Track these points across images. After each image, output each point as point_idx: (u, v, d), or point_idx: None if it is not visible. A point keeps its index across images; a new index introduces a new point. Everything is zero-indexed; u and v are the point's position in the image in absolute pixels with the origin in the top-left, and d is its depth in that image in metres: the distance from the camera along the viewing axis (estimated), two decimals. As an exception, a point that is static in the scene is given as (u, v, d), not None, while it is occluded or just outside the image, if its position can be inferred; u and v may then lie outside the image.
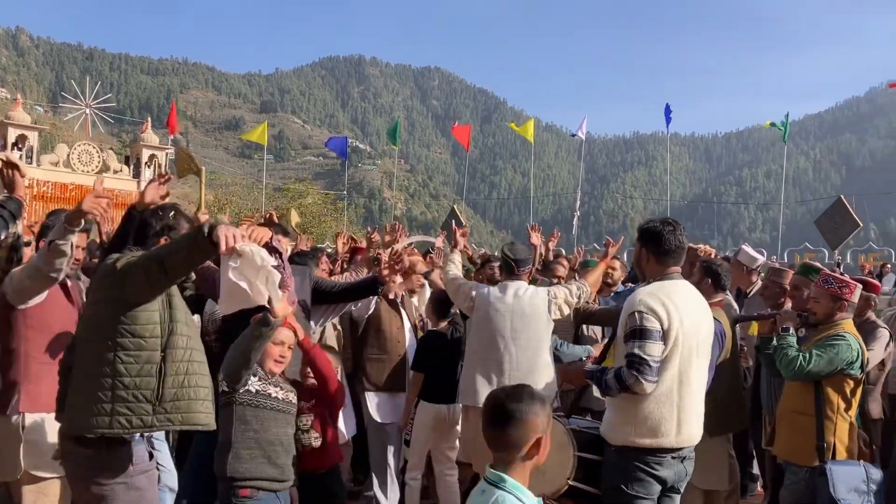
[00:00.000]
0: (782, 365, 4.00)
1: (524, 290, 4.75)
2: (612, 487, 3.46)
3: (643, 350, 3.29)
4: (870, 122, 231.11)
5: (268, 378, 3.68)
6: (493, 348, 4.67)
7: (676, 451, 3.43)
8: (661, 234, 3.53)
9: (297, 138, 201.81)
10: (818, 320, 4.11)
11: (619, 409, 3.47)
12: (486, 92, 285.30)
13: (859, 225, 16.45)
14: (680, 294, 3.49)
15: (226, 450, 3.55)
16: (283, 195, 43.42)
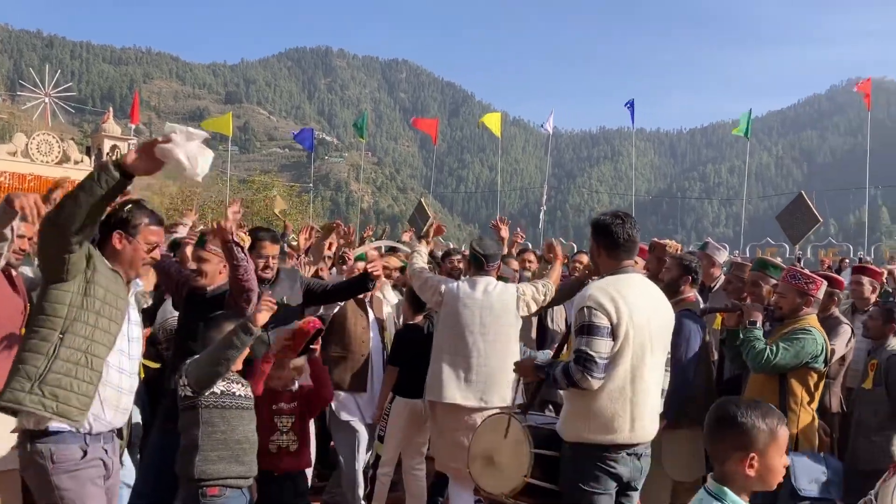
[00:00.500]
0: (749, 357, 4.02)
1: (493, 286, 4.71)
2: (570, 484, 3.46)
3: (590, 346, 3.28)
4: (830, 119, 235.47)
5: (230, 376, 3.62)
6: (461, 344, 4.63)
7: (631, 448, 3.42)
8: (611, 228, 3.51)
9: (262, 130, 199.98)
10: (784, 315, 4.14)
11: (572, 405, 3.46)
12: (453, 85, 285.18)
13: (819, 221, 16.67)
14: (632, 288, 3.46)
15: (192, 452, 3.50)
16: (247, 187, 43.02)
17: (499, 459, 3.74)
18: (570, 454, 3.45)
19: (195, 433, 3.50)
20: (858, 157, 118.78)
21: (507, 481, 3.66)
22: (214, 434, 3.50)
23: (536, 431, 3.68)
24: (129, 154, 2.83)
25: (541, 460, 3.58)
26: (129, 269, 3.19)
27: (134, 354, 3.18)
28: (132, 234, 3.17)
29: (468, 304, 4.65)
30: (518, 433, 3.67)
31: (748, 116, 26.56)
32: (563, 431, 3.50)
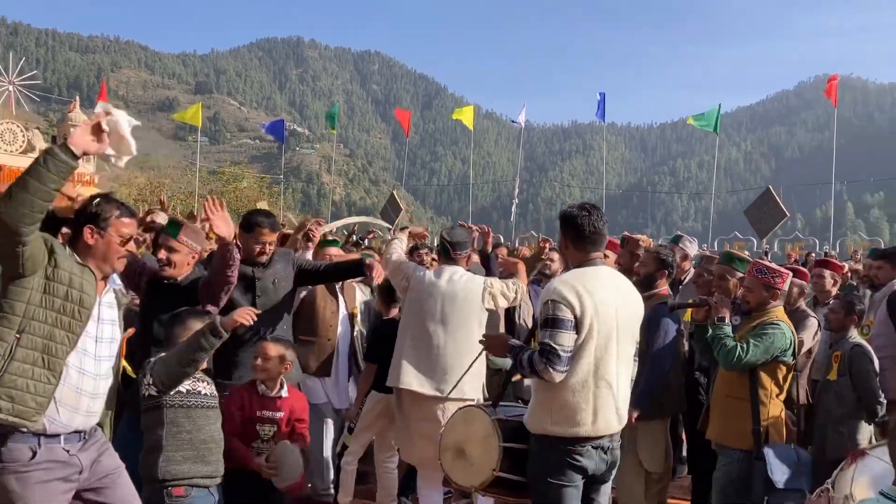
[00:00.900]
0: (720, 355, 4.03)
1: (459, 275, 4.67)
2: (536, 476, 3.46)
3: (554, 339, 3.26)
4: (798, 115, 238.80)
5: (196, 374, 3.55)
6: (421, 331, 4.61)
7: (596, 441, 3.41)
8: (577, 220, 3.49)
9: (232, 120, 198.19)
10: (751, 308, 4.16)
11: (537, 398, 3.46)
12: (426, 78, 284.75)
13: (786, 215, 16.93)
14: (598, 281, 3.44)
15: (155, 452, 3.43)
16: (217, 178, 42.57)
17: (469, 452, 3.73)
18: (536, 447, 3.46)
19: (159, 433, 3.44)
20: (825, 153, 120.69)
21: (476, 475, 3.65)
22: (179, 434, 3.45)
23: (506, 424, 3.66)
24: (74, 134, 2.76)
25: (510, 453, 3.58)
26: (102, 263, 3.08)
27: (102, 355, 3.05)
28: (103, 228, 3.07)
29: (432, 292, 4.63)
30: (487, 427, 3.66)
31: (717, 111, 26.80)
32: (528, 424, 3.50)
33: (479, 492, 3.77)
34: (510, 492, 3.71)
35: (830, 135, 37.21)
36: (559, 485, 3.39)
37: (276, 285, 4.56)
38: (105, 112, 2.73)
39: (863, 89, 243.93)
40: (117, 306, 3.20)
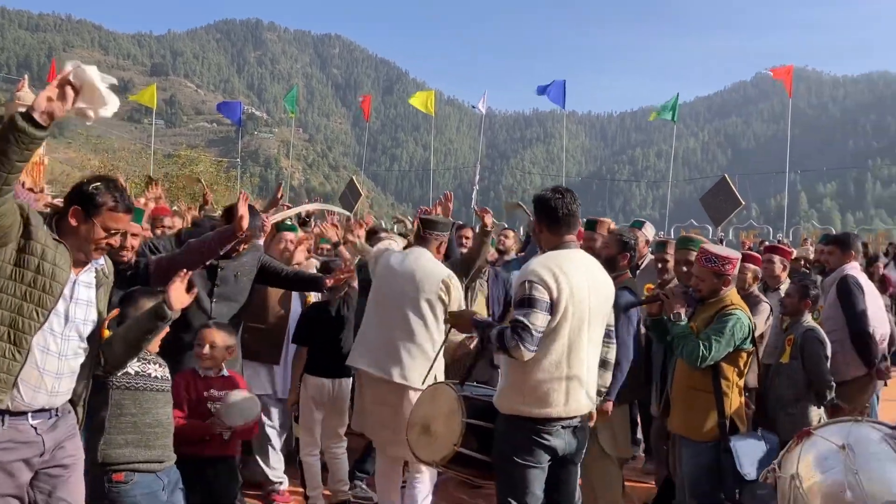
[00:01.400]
0: (684, 356, 4.03)
1: (423, 259, 4.59)
2: (502, 455, 3.47)
3: (528, 318, 3.27)
4: (755, 106, 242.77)
5: (147, 356, 3.46)
6: (374, 310, 4.59)
7: (566, 421, 3.43)
8: (551, 202, 3.52)
9: (189, 103, 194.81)
10: (704, 297, 4.15)
11: (509, 378, 3.46)
12: (388, 62, 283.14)
13: (741, 203, 17.14)
14: (573, 263, 3.46)
15: (97, 434, 3.33)
16: (173, 162, 41.75)
17: (434, 428, 3.75)
18: (505, 426, 3.46)
19: (102, 415, 3.33)
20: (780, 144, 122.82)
21: (438, 450, 3.67)
22: (122, 417, 3.34)
23: (472, 402, 3.68)
24: (36, 99, 2.55)
25: (475, 431, 3.59)
26: (77, 251, 2.91)
27: (71, 335, 2.91)
28: (90, 214, 2.89)
29: (388, 273, 4.59)
30: (452, 403, 3.68)
31: (675, 101, 27.07)
32: (498, 404, 3.51)
33: (440, 467, 3.77)
34: (472, 470, 3.73)
35: (785, 125, 37.89)
36: (525, 465, 3.41)
37: (238, 278, 4.53)
38: (76, 66, 2.57)
39: (817, 81, 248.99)
40: (96, 286, 3.04)
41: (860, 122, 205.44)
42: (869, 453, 2.94)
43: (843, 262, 5.65)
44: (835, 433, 3.11)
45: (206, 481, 3.78)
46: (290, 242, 5.42)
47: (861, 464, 2.89)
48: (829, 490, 2.95)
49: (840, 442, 3.01)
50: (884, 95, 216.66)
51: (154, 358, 3.51)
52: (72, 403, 3.02)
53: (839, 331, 5.25)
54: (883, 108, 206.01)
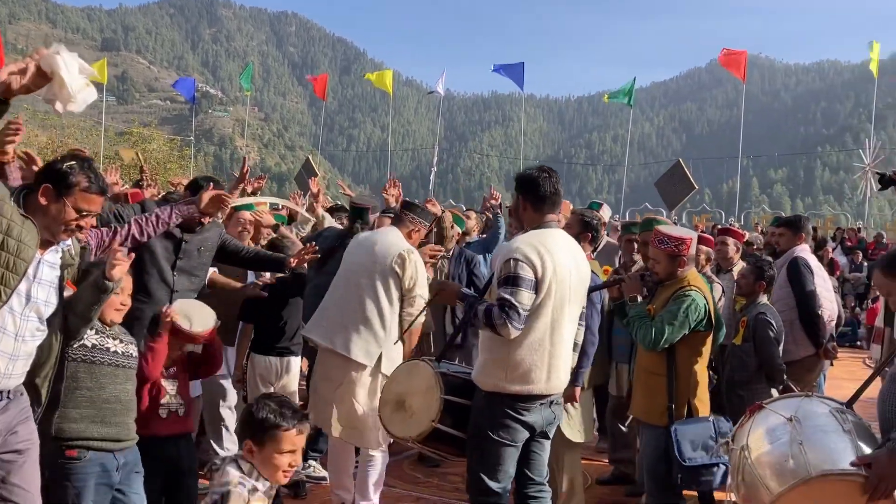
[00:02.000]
0: (639, 339, 4.04)
1: (392, 235, 4.62)
2: (478, 432, 3.49)
3: (514, 296, 3.32)
4: (709, 92, 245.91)
5: (105, 330, 3.36)
6: (337, 282, 4.64)
7: (545, 398, 3.50)
8: (537, 181, 3.55)
9: (142, 80, 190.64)
10: (661, 279, 4.14)
11: (491, 355, 3.48)
12: (345, 42, 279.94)
13: (695, 188, 17.36)
14: (556, 242, 3.51)
15: (52, 408, 3.21)
16: (125, 140, 40.87)
17: (409, 404, 3.74)
18: (485, 403, 3.49)
19: (58, 387, 3.21)
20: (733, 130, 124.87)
21: (415, 426, 3.67)
22: (77, 391, 3.24)
23: (448, 379, 3.69)
24: (2, 73, 2.43)
25: (451, 408, 3.60)
26: (44, 230, 2.80)
27: (30, 316, 2.82)
28: (61, 194, 2.80)
29: (353, 247, 4.69)
30: (430, 379, 3.68)
31: (631, 85, 27.29)
32: (479, 380, 3.52)
33: (415, 444, 3.76)
34: (447, 447, 3.74)
35: (738, 112, 38.47)
36: (500, 442, 3.45)
37: (201, 253, 4.52)
38: (55, 52, 2.45)
39: (770, 68, 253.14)
40: (60, 267, 2.95)
41: (810, 109, 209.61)
42: (814, 426, 2.99)
43: (793, 244, 5.75)
44: (785, 407, 3.17)
45: (168, 460, 3.69)
46: (247, 223, 5.39)
47: (806, 435, 2.94)
48: (775, 460, 3.00)
49: (788, 414, 3.06)
50: (833, 84, 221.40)
51: (116, 332, 3.42)
52: (35, 385, 2.94)
53: (788, 311, 5.36)
54: (832, 96, 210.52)
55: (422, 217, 4.73)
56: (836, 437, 2.95)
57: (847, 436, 2.93)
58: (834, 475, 2.83)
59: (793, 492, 2.86)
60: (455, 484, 5.49)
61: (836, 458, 2.87)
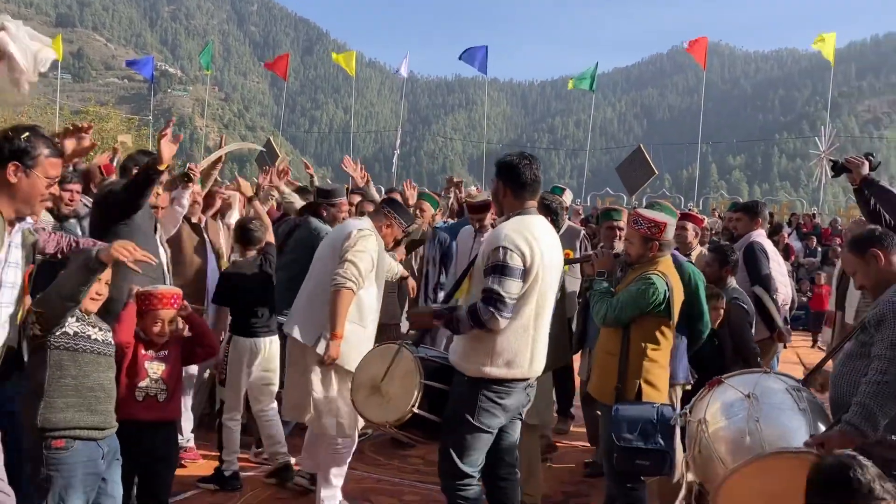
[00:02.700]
0: (594, 311, 4.07)
1: (347, 222, 4.70)
2: (457, 416, 3.50)
3: (502, 287, 3.33)
4: (670, 78, 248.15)
5: (85, 318, 3.33)
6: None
7: (525, 381, 3.55)
8: (518, 168, 3.54)
9: (98, 58, 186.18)
10: (633, 260, 4.12)
11: (476, 341, 3.47)
12: (307, 22, 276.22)
13: (655, 173, 17.55)
14: (539, 229, 3.53)
15: (37, 398, 3.17)
16: (81, 118, 39.96)
17: (386, 389, 3.71)
18: (467, 388, 3.49)
19: (41, 377, 3.18)
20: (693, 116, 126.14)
21: (393, 411, 3.64)
22: (63, 379, 3.20)
23: (427, 363, 3.68)
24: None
25: (428, 393, 3.60)
26: (23, 205, 2.80)
27: (3, 301, 2.80)
28: (30, 167, 2.78)
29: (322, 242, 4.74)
30: (409, 363, 3.66)
31: (594, 70, 27.43)
32: (462, 366, 3.51)
33: (392, 429, 3.73)
34: (424, 433, 3.74)
35: (699, 98, 38.85)
36: (479, 427, 3.48)
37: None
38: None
39: (730, 56, 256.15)
40: (23, 246, 2.91)
41: (769, 97, 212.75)
42: (771, 403, 3.08)
43: (750, 229, 5.85)
44: (743, 383, 3.25)
45: (141, 446, 3.63)
46: (196, 195, 5.40)
47: (763, 412, 3.03)
48: (731, 435, 3.09)
49: (746, 391, 3.13)
50: (791, 72, 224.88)
51: (95, 321, 3.39)
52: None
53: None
54: (790, 84, 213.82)
55: (401, 216, 4.60)
56: (792, 414, 3.05)
57: (802, 414, 3.04)
58: (788, 453, 2.92)
59: (747, 467, 2.95)
60: (415, 466, 5.52)
61: (790, 436, 2.97)
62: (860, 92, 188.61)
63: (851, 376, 3.11)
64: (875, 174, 4.50)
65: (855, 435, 2.88)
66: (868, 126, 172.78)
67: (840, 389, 3.18)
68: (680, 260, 4.48)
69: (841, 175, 4.63)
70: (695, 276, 4.47)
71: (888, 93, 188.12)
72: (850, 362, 3.16)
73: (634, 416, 3.80)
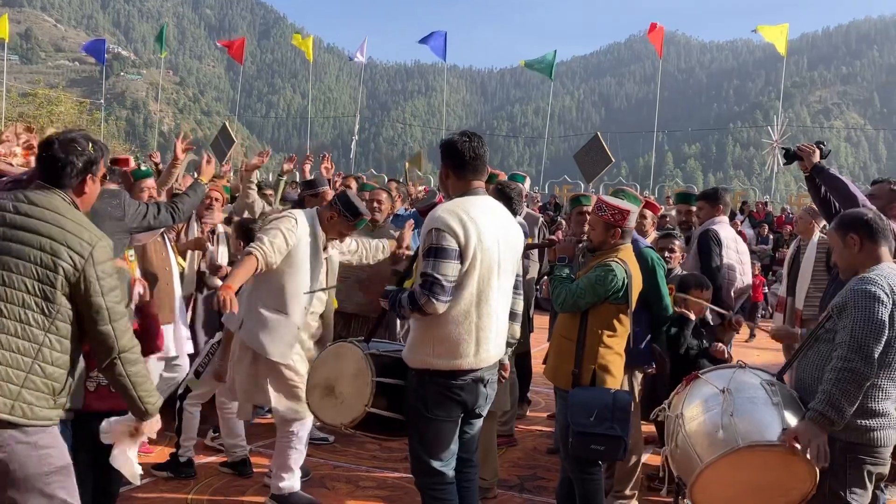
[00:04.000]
0: (553, 297, 4.06)
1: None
2: (414, 411, 3.42)
3: (437, 269, 3.20)
4: (628, 67, 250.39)
5: None
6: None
7: (476, 373, 3.39)
8: (457, 145, 3.41)
9: (48, 39, 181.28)
10: (595, 247, 4.12)
11: (418, 332, 3.39)
12: (264, 5, 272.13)
13: (612, 161, 17.68)
14: (481, 209, 3.38)
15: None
16: (30, 101, 38.91)
17: (339, 390, 3.62)
18: (416, 381, 3.40)
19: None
20: (650, 105, 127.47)
21: (347, 412, 3.55)
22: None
23: (379, 360, 3.57)
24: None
25: (385, 390, 3.50)
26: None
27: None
28: (95, 175, 2.81)
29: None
30: (359, 361, 3.56)
31: (553, 57, 27.50)
32: (407, 358, 3.43)
33: (348, 430, 3.65)
34: (383, 431, 3.66)
35: (655, 87, 39.23)
36: (438, 420, 3.38)
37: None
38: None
39: (686, 45, 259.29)
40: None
41: (723, 86, 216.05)
42: (746, 397, 3.13)
43: (712, 216, 5.78)
44: (719, 378, 3.29)
45: (95, 437, 3.55)
46: (150, 189, 5.25)
47: (737, 406, 3.08)
48: (706, 430, 3.13)
49: (722, 386, 3.18)
50: (746, 62, 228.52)
51: None
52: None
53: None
54: (744, 74, 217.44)
55: (346, 209, 4.41)
56: (765, 408, 3.10)
57: (775, 408, 3.09)
58: (761, 447, 3.01)
59: (721, 460, 3.02)
60: (372, 452, 5.51)
61: (763, 429, 3.04)
62: (812, 82, 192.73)
63: (814, 359, 3.18)
64: (825, 162, 4.58)
65: (822, 422, 2.95)
66: (819, 116, 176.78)
67: (804, 372, 3.25)
68: (641, 245, 4.52)
69: (793, 163, 4.70)
70: (653, 260, 4.54)
71: (838, 83, 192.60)
72: (814, 346, 3.21)
73: (590, 402, 3.81)
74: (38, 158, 2.80)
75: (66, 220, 2.65)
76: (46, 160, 2.74)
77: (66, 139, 2.77)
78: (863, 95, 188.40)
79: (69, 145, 2.75)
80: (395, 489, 4.90)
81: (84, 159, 2.76)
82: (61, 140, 2.76)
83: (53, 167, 2.73)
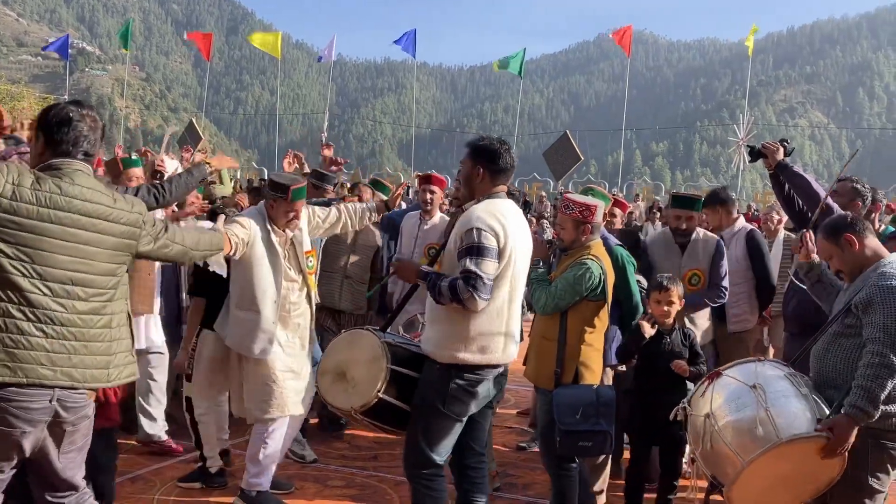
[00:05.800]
0: (533, 300, 4.11)
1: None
2: (427, 404, 3.48)
3: (479, 267, 3.30)
4: (597, 65, 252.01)
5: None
6: None
7: (500, 367, 3.55)
8: (498, 153, 3.55)
9: (10, 33, 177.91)
10: (566, 246, 4.16)
11: (450, 327, 3.44)
12: (232, 1, 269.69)
13: (581, 159, 17.85)
14: (510, 212, 3.55)
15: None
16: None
17: (352, 375, 3.66)
18: (437, 375, 3.46)
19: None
20: (618, 103, 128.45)
21: (358, 396, 3.59)
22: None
23: (395, 350, 3.62)
24: None
25: (397, 379, 3.55)
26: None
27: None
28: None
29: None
30: (376, 348, 3.61)
31: (522, 55, 27.60)
32: (435, 353, 3.47)
33: (356, 415, 3.66)
34: (389, 421, 3.68)
35: (623, 86, 39.60)
36: (448, 415, 3.46)
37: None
38: None
39: (654, 44, 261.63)
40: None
41: (691, 85, 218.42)
42: (776, 391, 3.17)
43: (730, 219, 5.60)
44: (742, 373, 3.31)
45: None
46: (138, 179, 5.20)
47: (771, 401, 3.12)
48: (743, 426, 3.14)
49: (751, 382, 3.21)
50: (713, 61, 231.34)
51: None
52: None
53: (743, 283, 5.40)
54: (711, 72, 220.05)
55: (276, 191, 4.33)
56: (796, 401, 3.17)
57: (804, 399, 3.16)
58: (802, 438, 3.06)
59: (765, 456, 3.06)
60: (340, 451, 5.49)
61: (799, 422, 3.10)
62: (777, 81, 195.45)
63: (838, 353, 3.25)
64: (790, 160, 4.64)
65: (861, 417, 3.03)
66: (784, 115, 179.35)
67: (826, 365, 3.31)
68: (610, 243, 4.58)
69: (758, 160, 4.75)
70: (623, 258, 4.61)
71: (803, 83, 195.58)
72: (835, 341, 3.28)
73: (575, 400, 3.89)
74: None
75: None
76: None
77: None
78: (826, 95, 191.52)
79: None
80: (363, 488, 4.88)
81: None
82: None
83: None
